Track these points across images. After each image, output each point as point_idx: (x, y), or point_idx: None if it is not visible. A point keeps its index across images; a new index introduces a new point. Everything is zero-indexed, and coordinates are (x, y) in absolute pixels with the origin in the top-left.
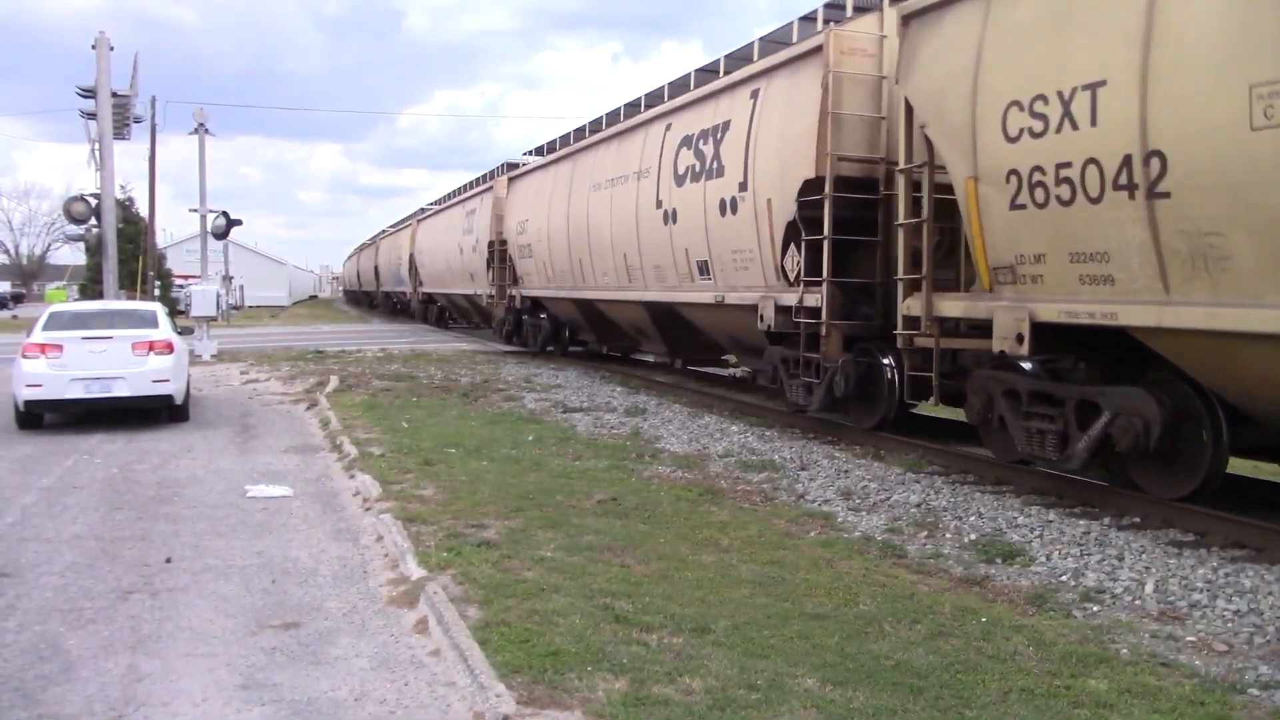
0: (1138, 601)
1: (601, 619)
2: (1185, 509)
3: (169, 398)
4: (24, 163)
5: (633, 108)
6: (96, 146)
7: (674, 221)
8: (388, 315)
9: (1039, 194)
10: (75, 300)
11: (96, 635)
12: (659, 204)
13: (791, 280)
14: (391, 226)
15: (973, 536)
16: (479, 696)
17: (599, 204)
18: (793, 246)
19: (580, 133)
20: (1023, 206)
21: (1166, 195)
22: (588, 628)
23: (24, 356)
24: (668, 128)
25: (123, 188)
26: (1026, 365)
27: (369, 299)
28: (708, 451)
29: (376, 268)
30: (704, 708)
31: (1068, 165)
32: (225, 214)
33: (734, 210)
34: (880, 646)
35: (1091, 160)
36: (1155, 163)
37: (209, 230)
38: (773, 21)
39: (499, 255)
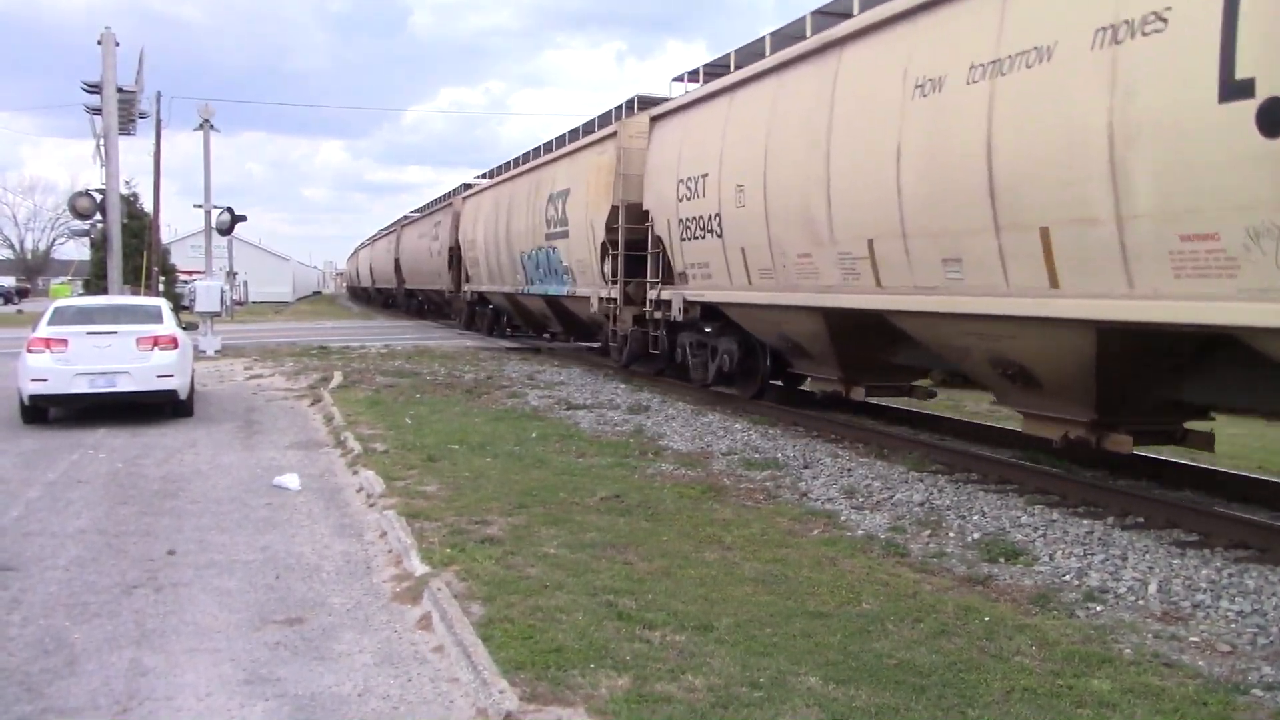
0: (1141, 601)
1: (604, 616)
2: (1189, 509)
3: (173, 393)
4: (29, 158)
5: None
6: (102, 142)
7: (568, 237)
8: (388, 311)
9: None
10: (80, 295)
11: (101, 629)
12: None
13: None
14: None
15: (976, 536)
16: (482, 693)
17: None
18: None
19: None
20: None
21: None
22: (590, 625)
23: (29, 351)
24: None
25: (127, 183)
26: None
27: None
28: (711, 449)
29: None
30: (706, 705)
31: (698, 218)
32: (230, 210)
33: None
34: (883, 645)
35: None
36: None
37: (213, 226)
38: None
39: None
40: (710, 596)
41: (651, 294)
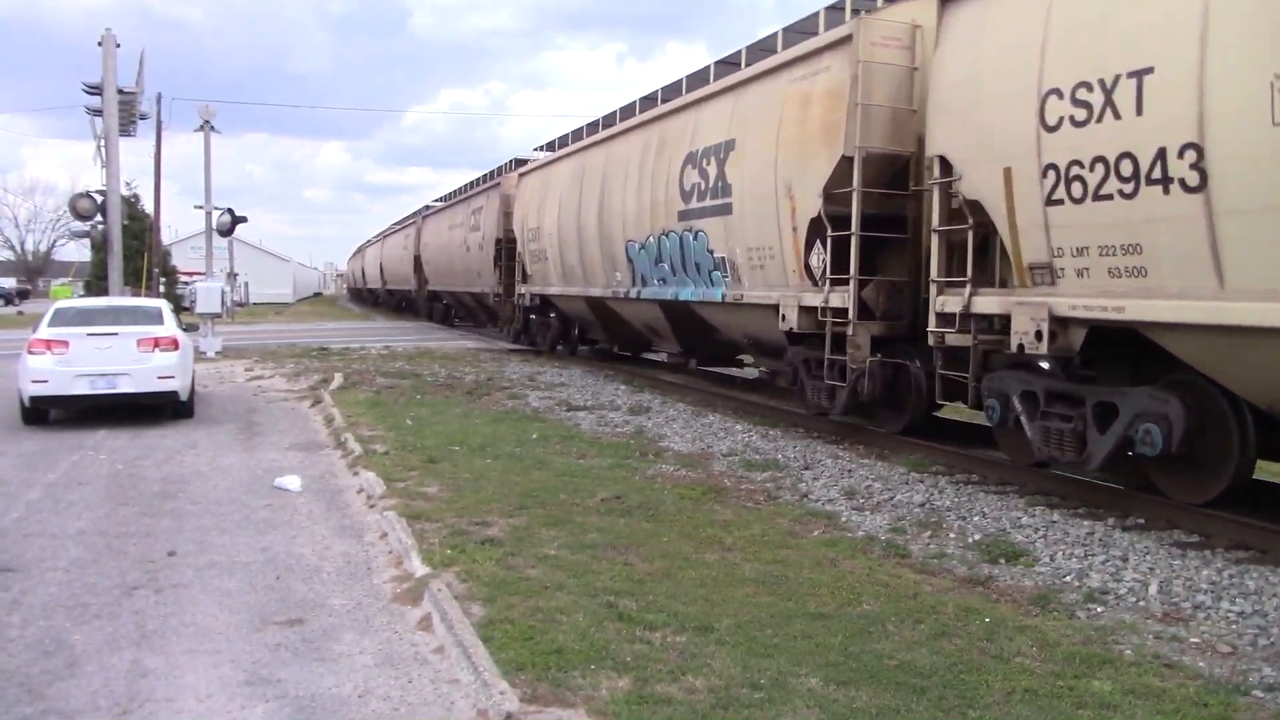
0: (1142, 603)
1: (605, 617)
2: (1190, 510)
3: (174, 394)
4: (30, 159)
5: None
6: (102, 143)
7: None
8: (392, 312)
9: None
10: (80, 297)
11: (101, 631)
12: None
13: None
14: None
15: (976, 537)
16: (482, 694)
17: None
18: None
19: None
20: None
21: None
22: (591, 626)
23: (30, 352)
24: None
25: (128, 184)
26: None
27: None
28: (711, 450)
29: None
30: (707, 706)
31: (537, 242)
32: (230, 211)
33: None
34: (883, 646)
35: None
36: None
37: (214, 227)
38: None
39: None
40: (711, 597)
41: (950, 303)
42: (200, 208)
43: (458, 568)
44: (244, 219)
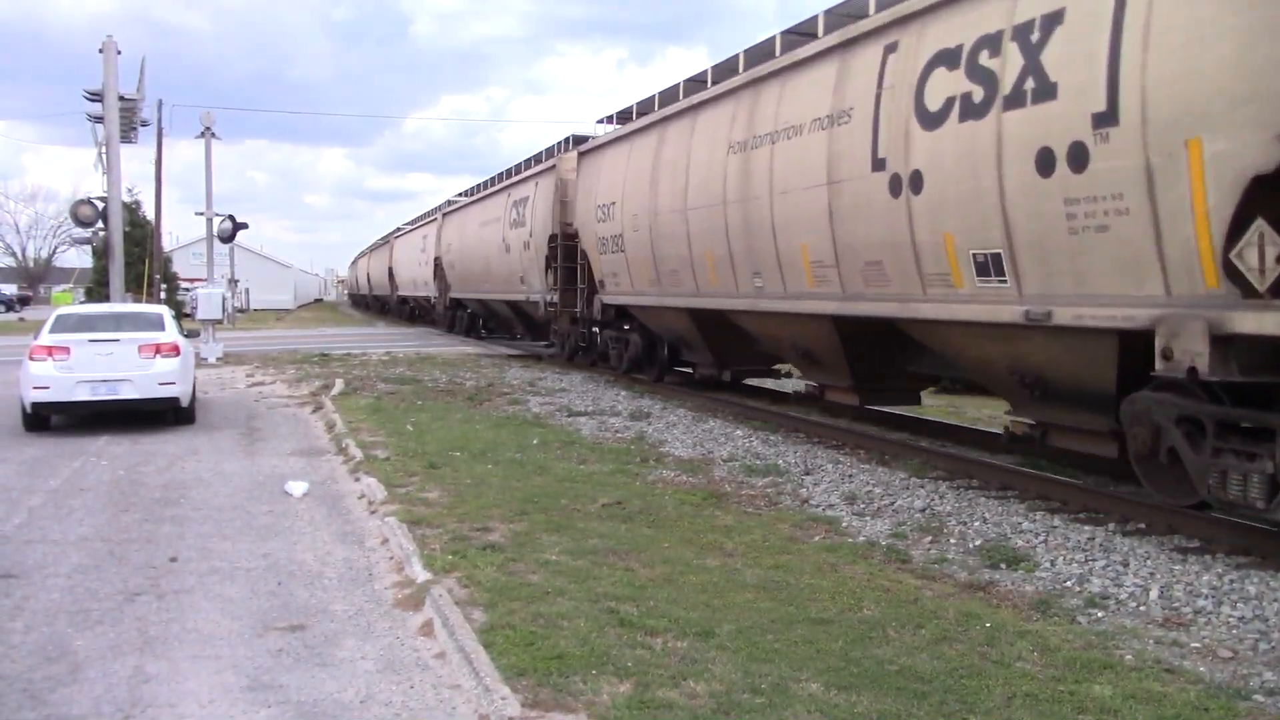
0: (1142, 607)
1: (606, 622)
2: (1190, 515)
3: (175, 400)
4: (31, 166)
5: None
6: (103, 150)
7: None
8: (402, 320)
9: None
10: (82, 303)
11: (103, 636)
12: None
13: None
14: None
15: (977, 542)
16: (484, 699)
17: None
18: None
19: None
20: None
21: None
22: (592, 631)
23: (31, 359)
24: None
25: (129, 191)
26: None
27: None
28: (712, 456)
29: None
30: (708, 712)
31: (613, 237)
32: (231, 217)
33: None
34: (884, 651)
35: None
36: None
37: (215, 234)
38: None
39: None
40: (712, 603)
41: None
42: (201, 214)
43: (459, 573)
44: (245, 225)
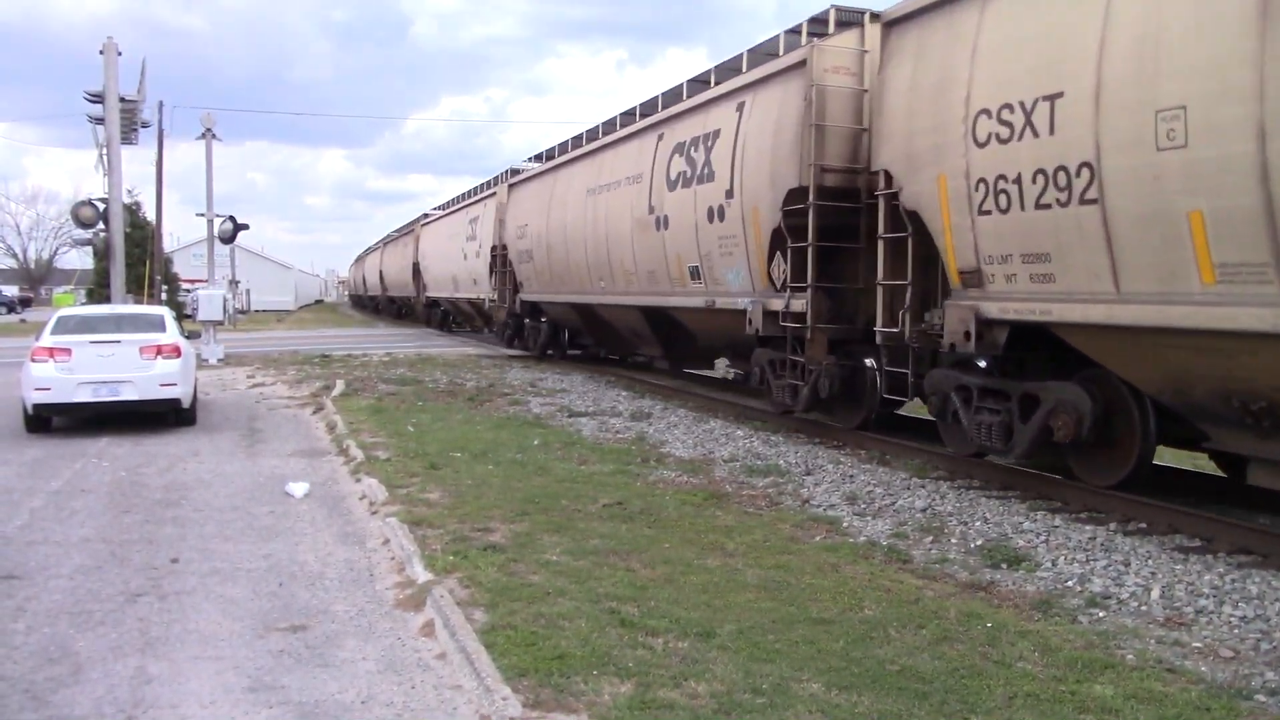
0: (1144, 607)
1: (607, 623)
2: (1191, 515)
3: (176, 401)
4: (33, 167)
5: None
6: (104, 151)
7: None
8: (393, 319)
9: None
10: (83, 304)
11: (105, 637)
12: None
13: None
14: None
15: (978, 542)
16: (485, 699)
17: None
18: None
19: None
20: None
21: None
22: (593, 631)
23: (32, 360)
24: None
25: (130, 192)
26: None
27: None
28: (713, 456)
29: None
30: (709, 712)
31: (526, 250)
32: (232, 219)
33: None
34: (885, 651)
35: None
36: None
37: (216, 235)
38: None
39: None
40: (713, 603)
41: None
42: (202, 215)
43: (460, 574)
44: (246, 226)
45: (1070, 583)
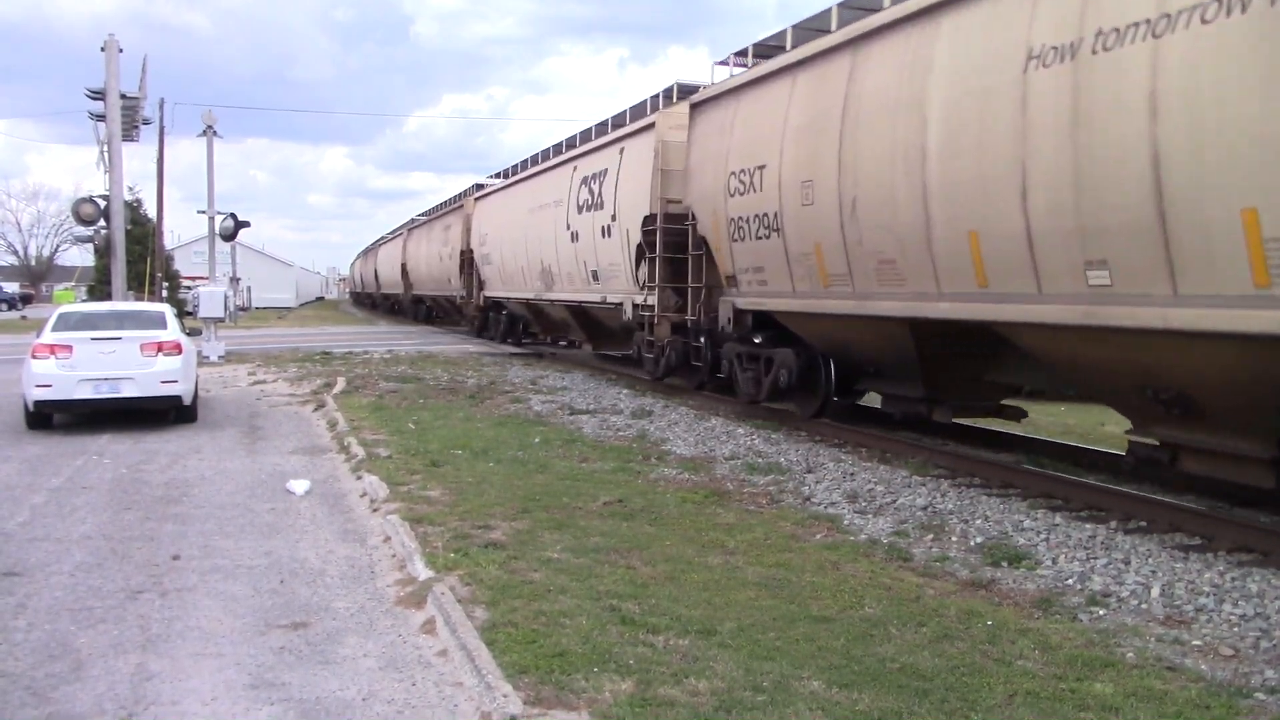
0: (1144, 605)
1: (608, 620)
2: (1192, 513)
3: (177, 398)
4: (34, 164)
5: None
6: (105, 149)
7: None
8: (389, 316)
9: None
10: (84, 301)
11: (106, 634)
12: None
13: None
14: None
15: (979, 540)
16: (486, 697)
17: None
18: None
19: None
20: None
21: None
22: (594, 629)
23: (33, 357)
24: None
25: (131, 189)
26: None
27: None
28: (714, 454)
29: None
30: (710, 709)
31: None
32: (233, 216)
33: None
34: (886, 649)
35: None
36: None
37: (217, 232)
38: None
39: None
40: (713, 601)
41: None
42: (203, 213)
43: (461, 571)
44: (247, 224)
45: (1070, 581)
